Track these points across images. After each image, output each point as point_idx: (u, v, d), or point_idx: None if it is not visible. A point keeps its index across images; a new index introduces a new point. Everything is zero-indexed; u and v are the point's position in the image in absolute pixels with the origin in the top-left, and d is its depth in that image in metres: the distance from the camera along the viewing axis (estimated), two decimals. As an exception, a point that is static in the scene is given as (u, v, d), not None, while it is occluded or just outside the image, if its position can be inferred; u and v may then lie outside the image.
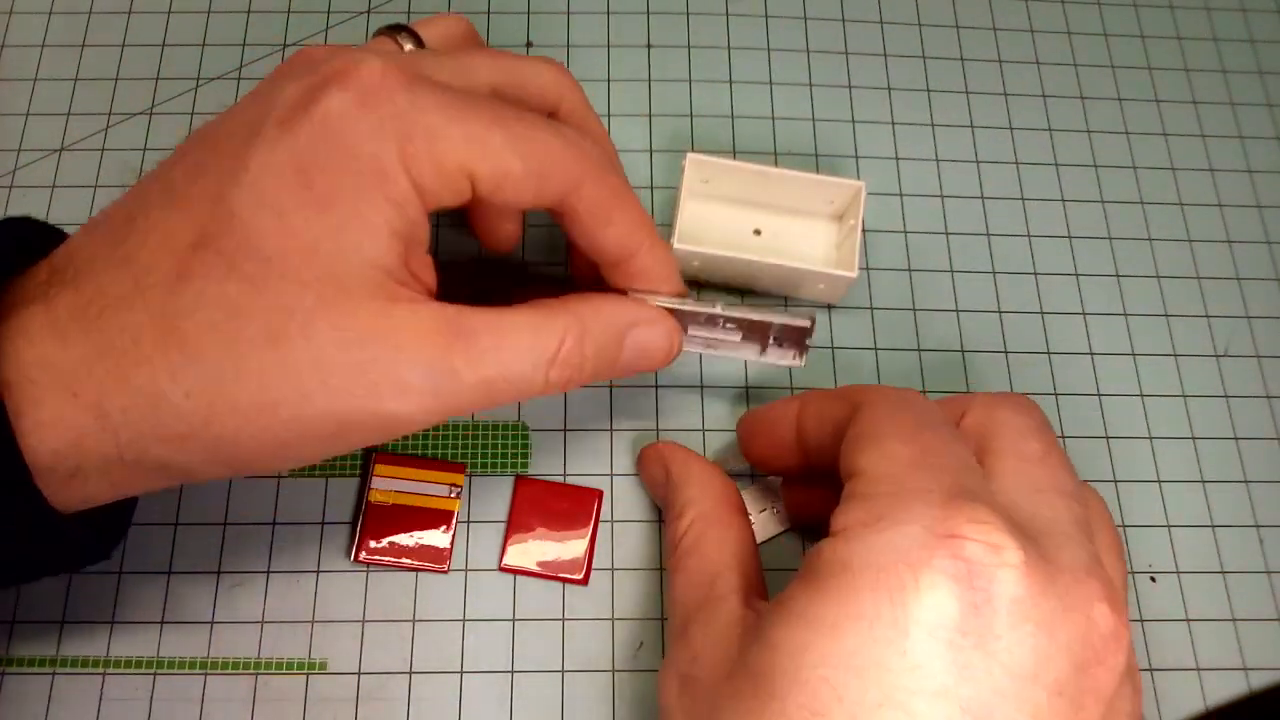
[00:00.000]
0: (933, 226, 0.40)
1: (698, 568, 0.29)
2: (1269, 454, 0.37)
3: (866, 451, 0.26)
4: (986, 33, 0.43)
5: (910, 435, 0.26)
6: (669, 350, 0.30)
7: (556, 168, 0.26)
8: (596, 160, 0.27)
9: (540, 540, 0.34)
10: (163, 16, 0.42)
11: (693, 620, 0.27)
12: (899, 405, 0.27)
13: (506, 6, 0.42)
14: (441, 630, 0.33)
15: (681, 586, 0.29)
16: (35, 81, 0.40)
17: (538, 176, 0.26)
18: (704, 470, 0.32)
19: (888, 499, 0.24)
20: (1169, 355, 0.38)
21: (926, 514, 0.23)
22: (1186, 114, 0.42)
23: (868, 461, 0.25)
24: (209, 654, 0.32)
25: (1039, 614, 0.22)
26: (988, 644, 0.22)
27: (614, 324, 0.28)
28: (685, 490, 0.31)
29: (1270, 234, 0.41)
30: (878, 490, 0.24)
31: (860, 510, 0.24)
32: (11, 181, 0.39)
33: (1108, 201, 0.41)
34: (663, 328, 0.30)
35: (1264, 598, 0.35)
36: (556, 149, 0.26)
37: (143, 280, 0.23)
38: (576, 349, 0.27)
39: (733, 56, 0.42)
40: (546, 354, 0.26)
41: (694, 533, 0.30)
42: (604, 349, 0.28)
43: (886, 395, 0.28)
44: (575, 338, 0.27)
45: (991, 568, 0.22)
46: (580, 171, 0.27)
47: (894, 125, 0.41)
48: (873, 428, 0.26)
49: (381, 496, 0.34)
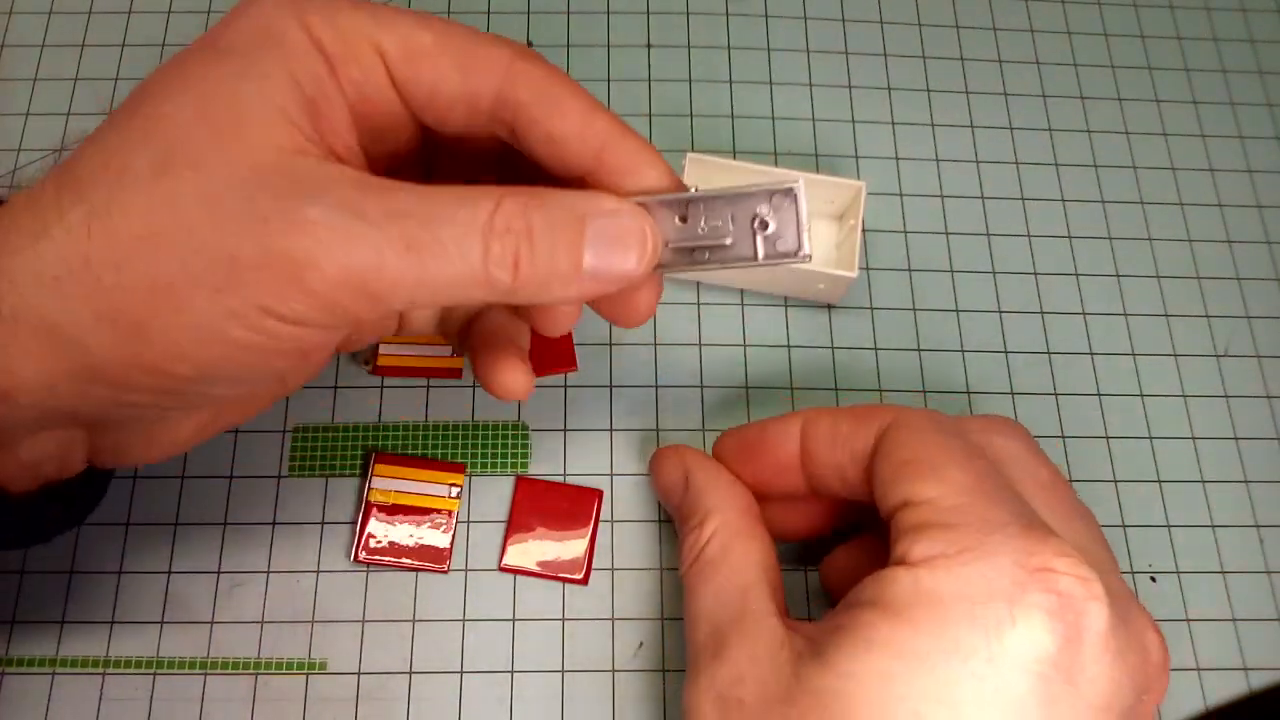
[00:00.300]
0: (933, 226, 0.40)
1: (727, 580, 0.28)
2: (1269, 454, 0.37)
3: (925, 480, 0.25)
4: (986, 33, 0.43)
5: (965, 462, 0.25)
6: (643, 242, 0.24)
7: (479, 47, 0.24)
8: (524, 48, 0.25)
9: (540, 540, 0.34)
10: (163, 16, 0.42)
11: (729, 637, 0.27)
12: (938, 428, 0.27)
13: (506, 6, 0.42)
14: (441, 630, 0.33)
15: (708, 599, 0.28)
16: (35, 81, 0.40)
17: (457, 52, 0.24)
18: (727, 478, 0.31)
19: (969, 531, 0.24)
20: (1169, 355, 0.38)
21: (1011, 546, 0.23)
22: (1186, 114, 0.42)
23: (931, 490, 0.25)
24: (209, 654, 0.32)
25: (1116, 645, 0.23)
26: (1075, 677, 0.22)
27: (569, 205, 0.23)
28: (708, 497, 0.30)
29: (1270, 234, 0.41)
30: (954, 521, 0.24)
31: (940, 542, 0.24)
32: (11, 181, 0.39)
33: (1108, 201, 0.41)
34: (630, 214, 0.24)
35: (1264, 598, 0.35)
36: (475, 31, 0.25)
37: (63, 160, 0.23)
38: (520, 212, 0.22)
39: (733, 56, 0.42)
40: (481, 212, 0.22)
41: (718, 543, 0.29)
42: (558, 228, 0.23)
43: (920, 417, 0.27)
44: (517, 201, 0.22)
45: (1082, 600, 0.22)
46: (509, 51, 0.24)
47: (894, 125, 0.41)
48: (924, 454, 0.26)
49: (381, 496, 0.34)
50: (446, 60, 0.24)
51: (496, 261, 0.22)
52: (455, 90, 0.24)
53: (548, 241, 0.23)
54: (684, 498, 0.31)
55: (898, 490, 0.26)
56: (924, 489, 0.25)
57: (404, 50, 0.24)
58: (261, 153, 0.22)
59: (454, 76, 0.24)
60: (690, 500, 0.31)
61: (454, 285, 0.22)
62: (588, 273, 0.23)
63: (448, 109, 0.25)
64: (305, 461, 0.35)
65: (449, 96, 0.24)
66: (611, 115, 0.25)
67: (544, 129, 0.24)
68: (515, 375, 0.29)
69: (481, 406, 0.36)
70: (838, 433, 0.29)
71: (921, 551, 0.24)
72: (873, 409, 0.29)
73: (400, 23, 0.24)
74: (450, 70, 0.24)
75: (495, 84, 0.24)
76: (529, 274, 0.23)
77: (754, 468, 0.31)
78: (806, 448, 0.29)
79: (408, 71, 0.24)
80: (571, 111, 0.24)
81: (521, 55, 0.25)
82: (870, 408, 0.29)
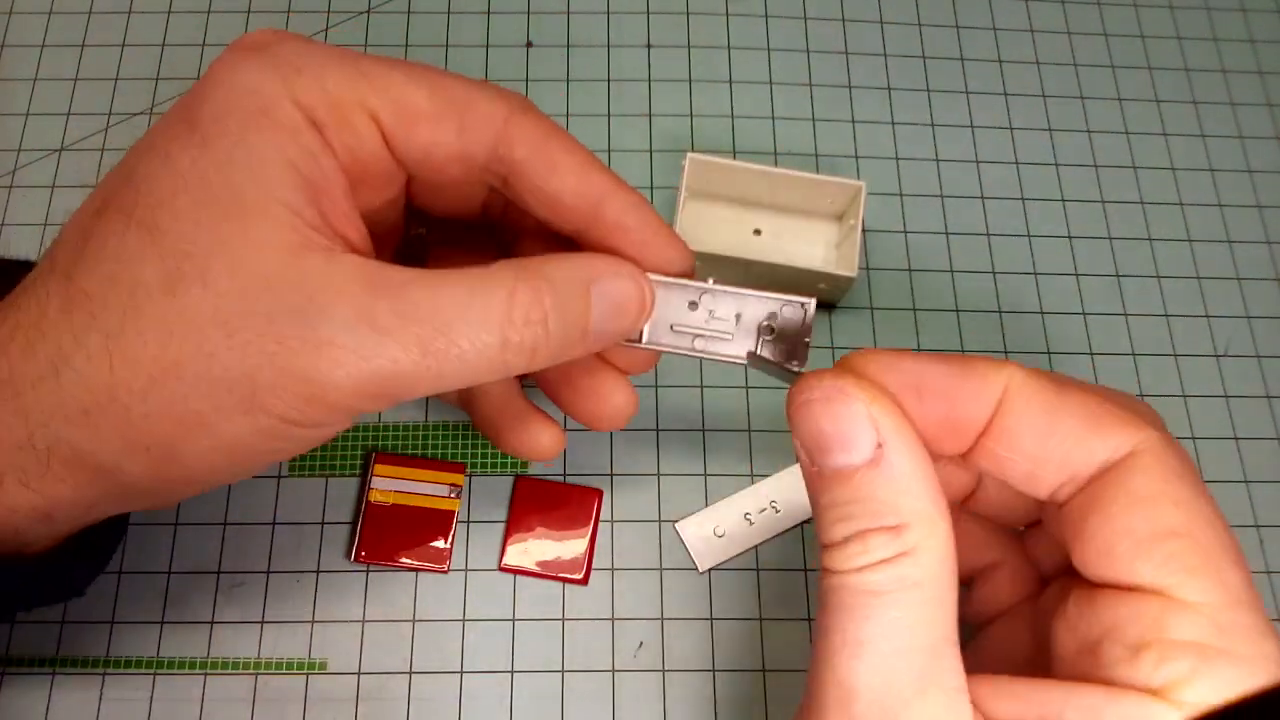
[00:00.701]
0: (933, 226, 0.40)
1: (919, 620, 0.20)
2: (1269, 454, 0.37)
3: (1198, 574, 0.20)
4: (986, 33, 0.43)
5: (1238, 555, 0.21)
6: (641, 300, 0.24)
7: (475, 103, 0.24)
8: (519, 100, 0.24)
9: (540, 540, 0.34)
10: (163, 16, 0.42)
11: (914, 706, 0.20)
12: (1191, 474, 0.21)
13: (506, 6, 0.42)
14: (441, 630, 0.33)
15: (878, 632, 0.20)
16: (35, 81, 0.40)
17: (453, 112, 0.23)
18: (933, 471, 0.22)
19: (1245, 661, 0.19)
20: (1169, 355, 0.38)
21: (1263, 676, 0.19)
22: (1186, 114, 0.42)
23: (1204, 591, 0.20)
24: (209, 654, 0.32)
25: None
26: None
27: (574, 275, 0.23)
28: (917, 492, 0.21)
29: (1270, 234, 0.41)
30: (1231, 646, 0.19)
31: (1220, 680, 0.19)
32: (11, 182, 0.39)
33: (1108, 201, 0.41)
34: (629, 274, 0.24)
35: (1264, 597, 0.35)
36: (468, 84, 0.24)
37: (54, 255, 0.22)
38: (535, 302, 0.22)
39: (733, 56, 0.42)
40: (497, 308, 0.22)
41: (922, 562, 0.21)
42: (567, 303, 0.23)
43: (1174, 453, 0.21)
44: (530, 289, 0.22)
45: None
46: (504, 106, 0.24)
47: (894, 125, 0.41)
48: (1186, 524, 0.20)
49: (381, 496, 0.34)
50: (442, 121, 0.24)
51: (514, 351, 0.23)
52: (451, 150, 0.24)
53: (562, 323, 0.23)
54: (871, 471, 0.21)
55: (1148, 568, 0.20)
56: (1201, 585, 0.20)
57: (398, 112, 0.23)
58: (269, 258, 0.21)
59: (449, 137, 0.24)
60: (884, 483, 0.21)
61: (468, 379, 0.23)
62: (592, 336, 0.24)
63: (442, 167, 0.25)
64: (305, 461, 0.35)
65: (444, 156, 0.24)
66: (608, 172, 0.25)
67: (539, 187, 0.24)
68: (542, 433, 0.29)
69: (481, 406, 0.36)
70: (1057, 423, 0.22)
71: (1203, 694, 0.19)
72: (1110, 408, 0.22)
73: (392, 81, 0.23)
74: (446, 131, 0.24)
75: (490, 142, 0.24)
76: (544, 355, 0.23)
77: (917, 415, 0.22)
78: (1002, 423, 0.22)
79: (402, 134, 0.24)
80: (567, 170, 0.24)
81: (518, 110, 0.24)
82: (1106, 403, 0.22)
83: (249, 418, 0.21)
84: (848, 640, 0.21)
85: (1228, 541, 0.21)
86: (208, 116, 0.22)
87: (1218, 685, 0.19)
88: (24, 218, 0.38)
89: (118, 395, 0.21)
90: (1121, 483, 0.21)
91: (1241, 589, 0.20)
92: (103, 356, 0.21)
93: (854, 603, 0.21)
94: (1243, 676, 0.19)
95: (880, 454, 0.21)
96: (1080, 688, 0.20)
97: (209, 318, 0.21)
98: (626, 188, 0.25)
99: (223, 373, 0.21)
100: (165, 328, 0.21)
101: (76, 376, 0.21)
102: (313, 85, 0.22)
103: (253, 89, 0.22)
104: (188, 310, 0.21)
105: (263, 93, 0.22)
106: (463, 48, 0.41)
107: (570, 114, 0.40)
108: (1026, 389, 0.22)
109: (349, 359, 0.21)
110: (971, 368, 0.23)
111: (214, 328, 0.21)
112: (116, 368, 0.21)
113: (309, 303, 0.21)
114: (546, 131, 0.24)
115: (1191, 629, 0.19)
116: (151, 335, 0.21)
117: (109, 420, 0.21)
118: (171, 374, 0.21)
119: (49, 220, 0.38)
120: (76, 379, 0.21)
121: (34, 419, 0.21)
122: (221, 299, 0.21)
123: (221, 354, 0.21)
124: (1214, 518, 0.21)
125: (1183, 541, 0.20)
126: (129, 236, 0.21)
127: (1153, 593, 0.20)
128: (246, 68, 0.22)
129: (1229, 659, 0.19)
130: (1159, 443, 0.21)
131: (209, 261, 0.21)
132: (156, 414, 0.21)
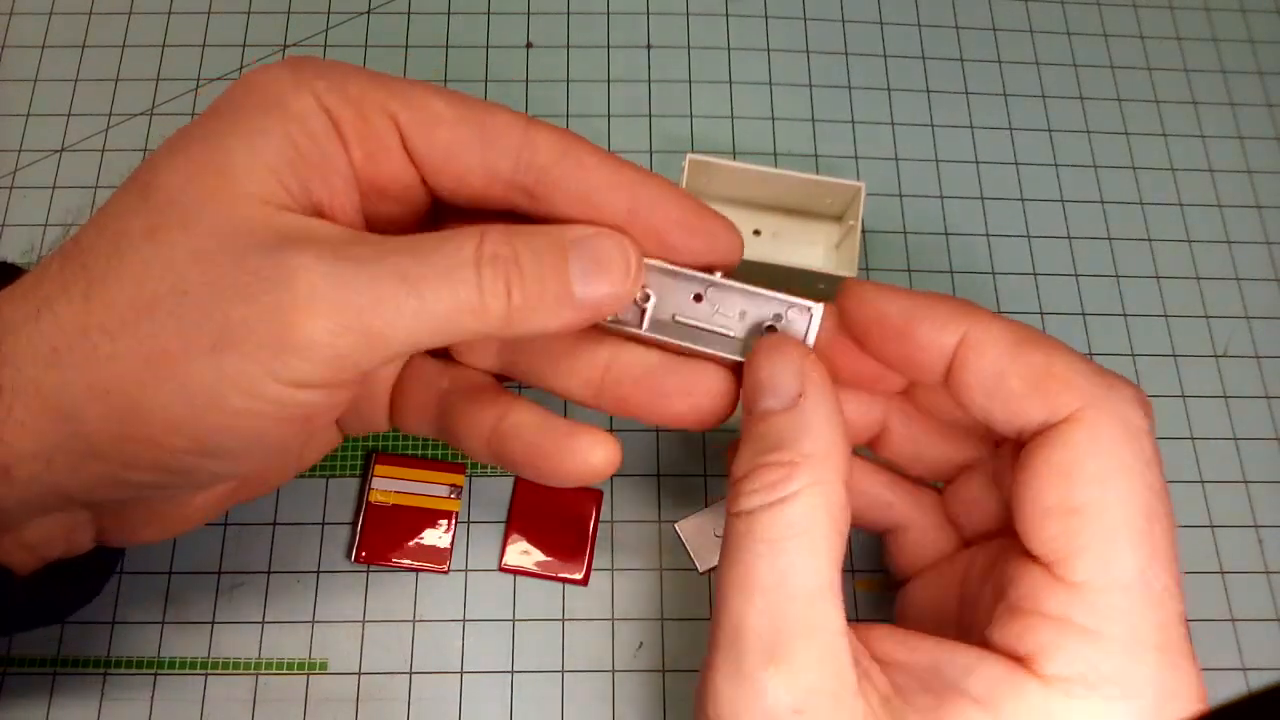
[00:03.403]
0: (933, 227, 0.40)
1: (804, 566, 0.22)
2: (1269, 454, 0.37)
3: (1088, 554, 0.20)
4: (986, 33, 0.43)
5: (1144, 528, 0.21)
6: (625, 259, 0.24)
7: (494, 113, 0.24)
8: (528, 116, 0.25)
9: (540, 540, 0.34)
10: (163, 17, 0.42)
11: (795, 648, 0.22)
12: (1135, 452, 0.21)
13: (506, 7, 0.42)
14: (441, 630, 0.33)
15: (771, 577, 0.22)
16: (35, 82, 0.40)
17: (473, 119, 0.24)
18: (842, 429, 0.24)
19: (1117, 651, 0.20)
20: (1169, 355, 0.38)
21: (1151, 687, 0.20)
22: (1186, 114, 0.42)
23: (1091, 569, 0.20)
24: (209, 654, 0.32)
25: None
26: None
27: (549, 232, 0.23)
28: (818, 435, 0.23)
29: (1270, 234, 0.41)
30: (1105, 629, 0.20)
31: (1082, 661, 0.20)
32: (12, 182, 0.39)
33: (1107, 202, 0.41)
34: (608, 235, 0.24)
35: (1263, 598, 0.35)
36: (481, 100, 0.24)
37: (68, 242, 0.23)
38: (504, 239, 0.22)
39: (733, 57, 0.42)
40: (468, 245, 0.22)
41: (808, 507, 0.22)
42: (541, 250, 0.23)
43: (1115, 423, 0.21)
44: (499, 231, 0.22)
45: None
46: (521, 118, 0.24)
47: (894, 126, 0.41)
48: (1100, 504, 0.21)
49: (382, 497, 0.34)
50: (461, 126, 0.23)
51: (490, 289, 0.22)
52: (473, 158, 0.24)
53: (535, 267, 0.23)
54: (785, 414, 0.24)
55: (1048, 541, 0.21)
56: (1084, 565, 0.20)
57: (419, 116, 0.23)
58: (248, 207, 0.21)
59: (472, 144, 0.24)
60: (792, 424, 0.24)
61: (452, 316, 0.22)
62: (577, 298, 0.23)
63: (463, 176, 0.24)
64: (305, 462, 0.35)
65: (465, 164, 0.24)
66: (635, 165, 0.25)
67: (571, 188, 0.24)
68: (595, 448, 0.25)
69: (482, 407, 0.36)
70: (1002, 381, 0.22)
71: (1059, 668, 0.20)
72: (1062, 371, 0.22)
73: (413, 91, 0.23)
74: (468, 137, 0.24)
75: (514, 149, 0.24)
76: (521, 300, 0.22)
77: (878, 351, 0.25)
78: (958, 370, 0.23)
79: (423, 138, 0.23)
80: (594, 166, 0.24)
81: (532, 122, 0.24)
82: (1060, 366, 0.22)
83: (220, 359, 0.20)
84: (737, 582, 0.22)
85: (1142, 525, 0.21)
86: (226, 105, 0.23)
87: (1077, 663, 0.20)
88: (24, 219, 0.38)
89: (89, 334, 0.21)
90: (1046, 451, 0.22)
91: (1133, 572, 0.20)
92: (82, 300, 0.21)
93: (746, 546, 0.23)
94: (1107, 658, 0.19)
95: (799, 401, 0.24)
96: (962, 647, 0.22)
97: (185, 257, 0.21)
98: (658, 177, 0.25)
99: (194, 308, 0.20)
100: (143, 269, 0.21)
101: (54, 318, 0.21)
102: (332, 88, 0.23)
103: (274, 83, 0.23)
104: (166, 252, 0.21)
105: (283, 88, 0.23)
106: (463, 48, 0.42)
107: (570, 114, 0.40)
108: (983, 342, 0.23)
109: (326, 285, 0.20)
110: (930, 311, 0.24)
111: (189, 265, 0.21)
112: (94, 310, 0.21)
113: (285, 241, 0.21)
114: (565, 136, 0.24)
115: (1062, 605, 0.20)
116: (129, 277, 0.21)
117: (74, 358, 0.21)
118: (145, 313, 0.21)
119: (49, 221, 0.38)
120: (54, 320, 0.21)
121: (6, 362, 0.21)
122: (198, 241, 0.21)
123: (195, 290, 0.21)
124: (1136, 498, 0.21)
125: (1080, 519, 0.21)
126: (126, 195, 0.22)
127: (1042, 565, 0.21)
128: (273, 73, 0.23)
129: (1092, 639, 0.20)
130: (1100, 413, 0.21)
131: (191, 209, 0.21)
132: (124, 353, 0.21)
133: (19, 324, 0.21)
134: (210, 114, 0.23)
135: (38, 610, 0.26)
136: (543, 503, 0.34)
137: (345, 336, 0.21)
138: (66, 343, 0.21)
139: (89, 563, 0.26)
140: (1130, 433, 0.21)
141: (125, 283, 0.21)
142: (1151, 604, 0.20)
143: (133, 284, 0.21)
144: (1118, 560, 0.20)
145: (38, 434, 0.21)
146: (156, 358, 0.21)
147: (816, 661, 0.21)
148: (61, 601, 0.27)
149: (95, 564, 0.27)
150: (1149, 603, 0.20)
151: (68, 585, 0.26)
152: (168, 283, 0.21)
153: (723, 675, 0.22)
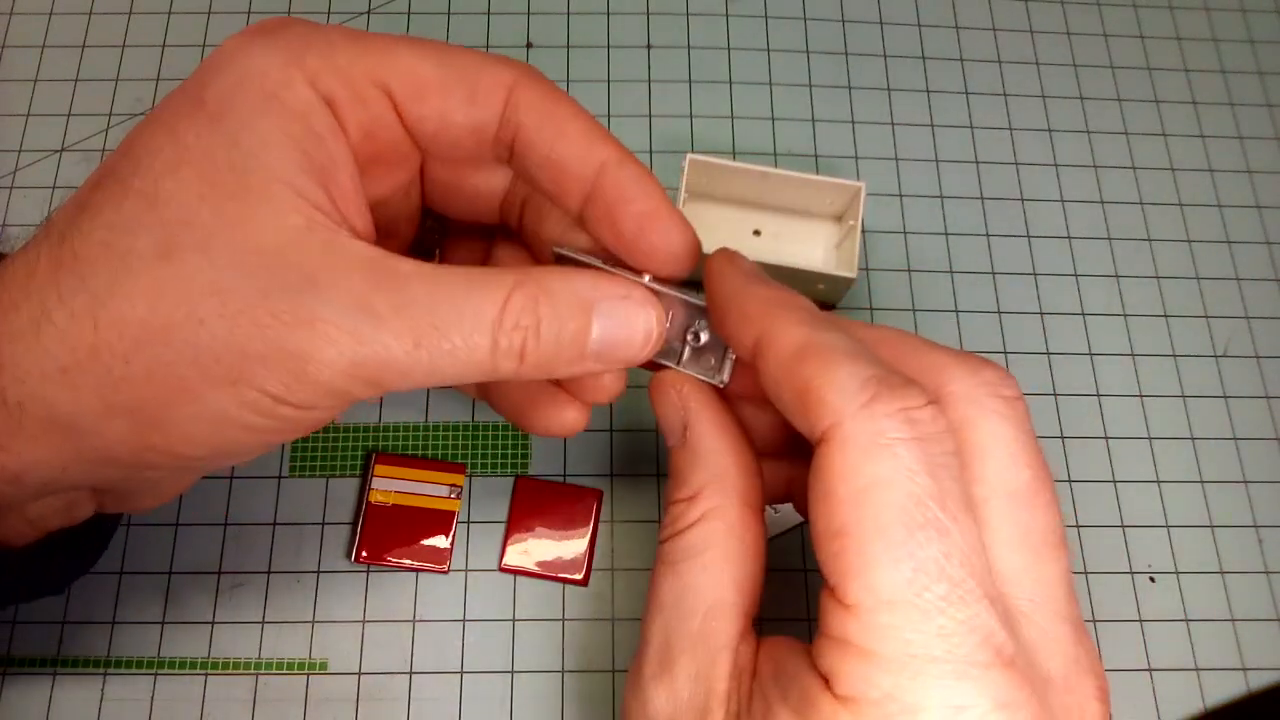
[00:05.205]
0: (933, 227, 0.40)
1: (698, 583, 0.24)
2: (1268, 454, 0.37)
3: (853, 576, 0.20)
4: (986, 33, 0.43)
5: (903, 540, 0.20)
6: (648, 332, 0.24)
7: (482, 70, 0.24)
8: (526, 68, 0.24)
9: (540, 540, 0.34)
10: (163, 17, 0.42)
11: (680, 659, 0.23)
12: (893, 465, 0.20)
13: (506, 7, 0.42)
14: (441, 630, 0.33)
15: (671, 594, 0.24)
16: (35, 83, 0.40)
17: (462, 82, 0.23)
18: (734, 440, 0.25)
19: (891, 668, 0.20)
20: (1168, 355, 0.38)
21: (937, 698, 0.20)
22: (1186, 114, 0.42)
23: (858, 593, 0.20)
24: (209, 654, 0.32)
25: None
26: None
27: (576, 290, 0.23)
28: (707, 465, 0.25)
29: (1270, 234, 0.41)
30: (877, 648, 0.20)
31: (861, 680, 0.20)
32: (12, 182, 0.39)
33: (1108, 202, 0.41)
34: (640, 301, 0.24)
35: (1263, 598, 0.35)
36: (474, 54, 0.24)
37: (51, 222, 0.22)
38: (529, 307, 0.22)
39: (733, 57, 0.42)
40: (490, 308, 0.22)
41: (703, 532, 0.24)
42: (565, 318, 0.23)
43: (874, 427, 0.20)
44: (526, 295, 0.22)
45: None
46: (510, 73, 0.24)
47: (894, 126, 0.41)
48: (857, 525, 0.20)
49: (382, 497, 0.34)
50: (452, 91, 0.24)
51: (505, 353, 0.22)
52: (463, 120, 0.24)
53: (554, 332, 0.23)
54: (680, 451, 0.25)
55: (824, 565, 0.21)
56: (854, 587, 0.20)
57: (410, 86, 0.23)
58: (269, 235, 0.21)
59: (461, 107, 0.24)
60: (686, 460, 0.25)
61: (459, 375, 0.22)
62: (591, 355, 0.23)
63: (455, 140, 0.24)
64: (306, 462, 0.35)
65: (457, 127, 0.24)
66: (614, 141, 0.25)
67: (543, 151, 0.24)
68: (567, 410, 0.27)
69: (481, 407, 0.36)
70: (779, 389, 0.22)
71: (845, 687, 0.20)
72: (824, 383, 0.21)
73: (400, 54, 0.23)
74: (457, 101, 0.24)
75: (498, 108, 0.24)
76: (533, 362, 0.23)
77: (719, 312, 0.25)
78: (758, 373, 0.23)
79: (415, 108, 0.24)
80: (572, 135, 0.24)
81: (524, 75, 0.24)
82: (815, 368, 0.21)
83: (235, 389, 0.21)
84: (649, 602, 0.25)
85: (901, 538, 0.20)
86: (215, 97, 0.22)
87: (858, 683, 0.20)
88: (24, 218, 0.38)
89: (100, 355, 0.21)
90: (814, 472, 0.21)
91: (897, 588, 0.20)
92: (87, 316, 0.21)
93: (656, 570, 0.25)
94: (886, 675, 0.20)
95: (685, 436, 0.25)
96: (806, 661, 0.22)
97: (204, 286, 0.21)
98: (633, 159, 0.25)
99: (211, 341, 0.21)
100: (156, 291, 0.21)
101: (58, 334, 0.21)
102: (323, 64, 0.22)
103: (262, 71, 0.22)
104: (182, 276, 0.21)
105: (272, 75, 0.22)
106: (463, 48, 0.42)
107: (570, 114, 0.40)
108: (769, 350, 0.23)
109: (342, 339, 0.21)
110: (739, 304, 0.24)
111: (208, 295, 0.21)
112: (101, 328, 0.20)
113: (307, 283, 0.21)
114: (553, 98, 0.24)
115: (842, 627, 0.20)
116: (141, 298, 0.21)
117: (89, 380, 0.21)
118: (159, 338, 0.21)
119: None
120: (57, 336, 0.21)
121: (7, 374, 0.21)
122: (219, 270, 0.21)
123: (212, 322, 0.20)
124: (891, 512, 0.20)
125: (841, 542, 0.20)
126: (126, 203, 0.21)
127: (832, 588, 0.21)
128: (256, 50, 0.22)
129: (869, 659, 0.20)
130: (853, 425, 0.21)
131: (210, 234, 0.21)
132: (139, 377, 0.21)
133: (18, 333, 0.21)
134: (197, 106, 0.22)
135: (39, 580, 0.27)
136: (543, 503, 0.34)
137: (356, 384, 0.22)
138: (77, 363, 0.21)
139: (88, 531, 0.27)
140: (882, 445, 0.20)
141: (136, 303, 0.21)
142: (924, 616, 0.20)
143: (145, 306, 0.21)
144: (880, 579, 0.20)
145: (52, 446, 0.21)
146: (174, 384, 0.21)
147: (694, 676, 0.23)
148: (61, 571, 0.27)
149: (94, 532, 0.27)
150: (922, 615, 0.20)
151: (67, 554, 0.26)
152: (183, 310, 0.21)
153: (628, 685, 0.24)
